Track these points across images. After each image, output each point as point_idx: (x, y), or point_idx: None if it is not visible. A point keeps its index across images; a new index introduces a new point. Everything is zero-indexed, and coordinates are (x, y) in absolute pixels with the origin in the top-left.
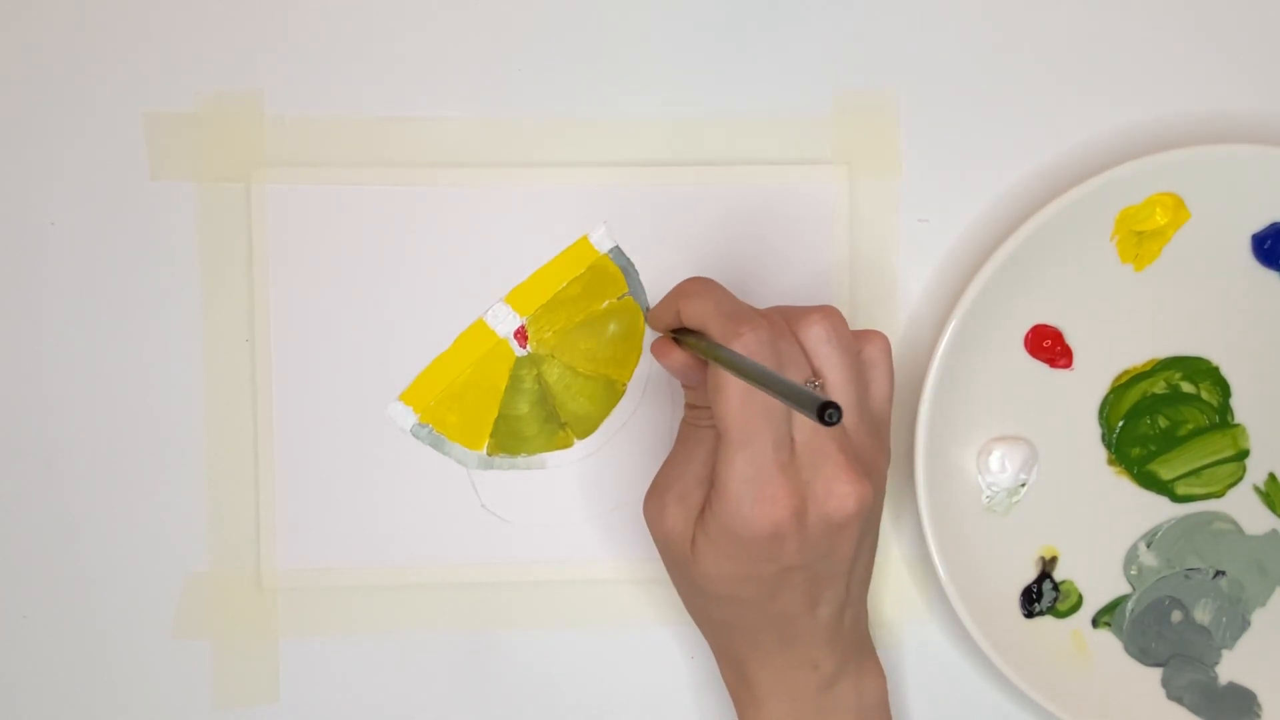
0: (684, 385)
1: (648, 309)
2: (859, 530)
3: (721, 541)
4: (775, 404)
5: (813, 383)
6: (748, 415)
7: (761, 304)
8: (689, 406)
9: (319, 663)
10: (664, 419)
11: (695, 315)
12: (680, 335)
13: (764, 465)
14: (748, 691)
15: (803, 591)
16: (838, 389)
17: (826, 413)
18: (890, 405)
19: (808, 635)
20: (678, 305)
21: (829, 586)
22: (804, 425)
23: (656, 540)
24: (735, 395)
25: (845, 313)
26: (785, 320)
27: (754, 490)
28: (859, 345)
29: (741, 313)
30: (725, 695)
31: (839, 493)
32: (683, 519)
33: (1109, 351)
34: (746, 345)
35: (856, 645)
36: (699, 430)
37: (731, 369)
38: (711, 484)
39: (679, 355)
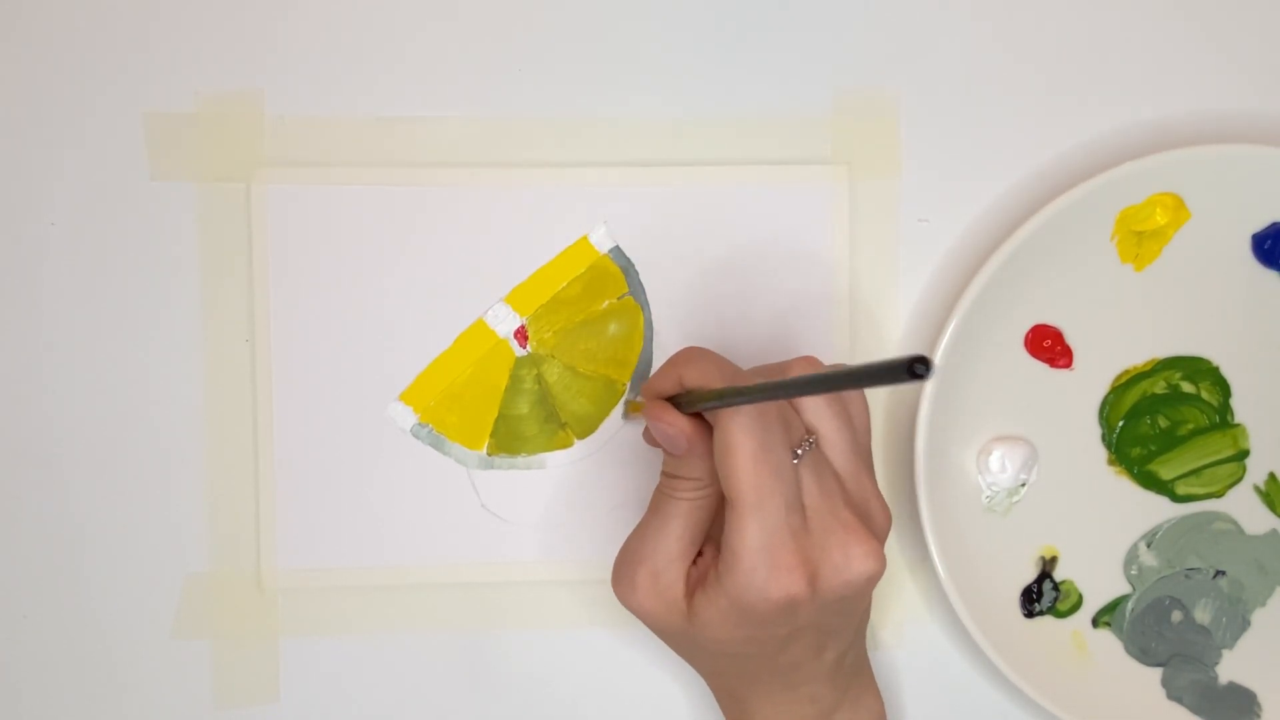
0: (667, 452)
1: (648, 308)
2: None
3: (730, 611)
4: (786, 464)
5: (808, 440)
6: (760, 476)
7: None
8: (667, 475)
9: (319, 663)
10: None
11: (699, 380)
12: (676, 399)
13: (777, 531)
14: None
15: (811, 644)
16: (831, 438)
17: (916, 368)
18: (870, 435)
19: (811, 677)
20: (679, 372)
21: (837, 637)
22: (811, 488)
23: (630, 610)
24: (747, 455)
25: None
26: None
27: (768, 559)
28: None
29: (741, 378)
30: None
31: (856, 556)
32: (658, 598)
33: (1109, 351)
34: (750, 412)
35: (856, 674)
36: (674, 501)
37: (768, 395)
38: (719, 553)
39: (679, 419)
